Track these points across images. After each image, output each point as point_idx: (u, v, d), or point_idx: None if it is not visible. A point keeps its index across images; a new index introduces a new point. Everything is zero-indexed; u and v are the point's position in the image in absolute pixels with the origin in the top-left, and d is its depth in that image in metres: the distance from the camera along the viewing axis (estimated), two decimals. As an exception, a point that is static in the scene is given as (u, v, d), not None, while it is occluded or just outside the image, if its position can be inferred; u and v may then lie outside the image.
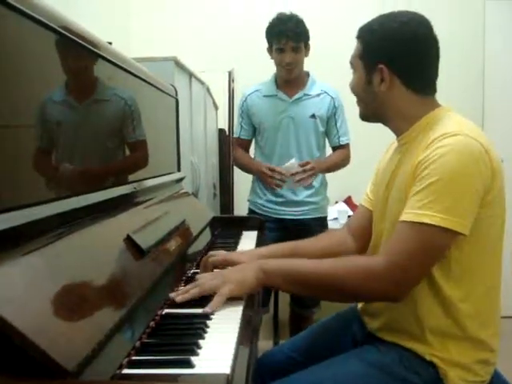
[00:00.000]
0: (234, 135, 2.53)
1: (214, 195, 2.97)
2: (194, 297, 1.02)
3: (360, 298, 1.18)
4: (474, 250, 1.07)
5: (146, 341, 0.84)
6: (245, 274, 1.08)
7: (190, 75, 2.23)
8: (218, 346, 0.83)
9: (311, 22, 2.32)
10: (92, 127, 1.08)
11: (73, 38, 0.94)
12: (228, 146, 3.10)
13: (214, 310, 0.98)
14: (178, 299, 1.01)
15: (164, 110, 1.73)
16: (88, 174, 1.04)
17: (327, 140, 2.46)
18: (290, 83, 2.34)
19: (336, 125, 2.39)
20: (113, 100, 1.20)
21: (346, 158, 2.44)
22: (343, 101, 2.36)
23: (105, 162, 1.17)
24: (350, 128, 2.43)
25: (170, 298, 1.02)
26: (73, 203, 0.90)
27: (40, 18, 0.81)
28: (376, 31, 1.15)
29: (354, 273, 1.06)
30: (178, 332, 0.89)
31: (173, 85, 1.82)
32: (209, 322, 0.93)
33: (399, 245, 1.03)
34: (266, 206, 2.41)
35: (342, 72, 1.60)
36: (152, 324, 0.91)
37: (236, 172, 2.97)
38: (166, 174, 1.65)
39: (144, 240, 1.07)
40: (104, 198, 1.05)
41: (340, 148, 2.43)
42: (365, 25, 1.19)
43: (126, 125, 1.29)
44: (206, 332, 0.88)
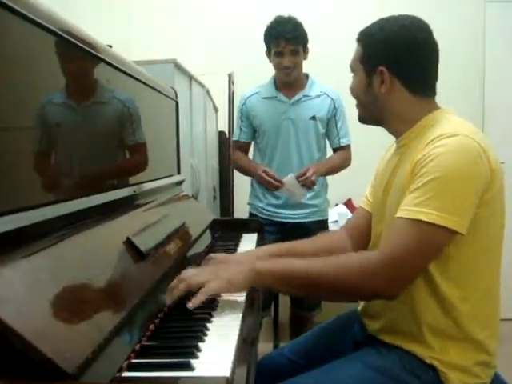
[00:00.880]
0: (233, 138, 2.52)
1: (214, 198, 2.97)
2: (181, 293, 1.00)
3: (355, 294, 1.15)
4: (472, 249, 1.07)
5: (145, 343, 0.83)
6: (235, 272, 1.06)
7: (190, 78, 2.23)
8: (218, 349, 0.83)
9: (310, 25, 2.32)
10: (92, 130, 1.08)
11: (73, 40, 0.95)
12: (228, 149, 3.10)
13: (196, 305, 0.97)
14: (168, 302, 1.00)
15: (164, 112, 1.73)
16: (88, 176, 1.04)
17: (328, 141, 2.46)
18: (290, 85, 2.34)
19: (336, 126, 2.38)
20: (113, 103, 1.20)
21: (347, 160, 2.43)
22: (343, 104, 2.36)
23: (105, 165, 1.17)
24: (351, 131, 2.42)
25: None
26: (72, 206, 0.90)
27: (40, 21, 0.82)
28: (376, 34, 1.16)
29: (348, 268, 1.05)
30: (178, 335, 0.89)
31: (173, 87, 1.82)
32: (209, 325, 0.92)
33: (395, 241, 1.03)
34: (266, 210, 2.41)
35: (341, 75, 1.60)
36: (152, 327, 0.90)
37: (236, 174, 2.96)
38: (165, 177, 1.65)
39: (144, 243, 1.07)
40: (104, 201, 1.05)
41: (340, 149, 2.42)
42: (365, 28, 1.20)
43: (126, 127, 1.29)
44: (206, 335, 0.88)
